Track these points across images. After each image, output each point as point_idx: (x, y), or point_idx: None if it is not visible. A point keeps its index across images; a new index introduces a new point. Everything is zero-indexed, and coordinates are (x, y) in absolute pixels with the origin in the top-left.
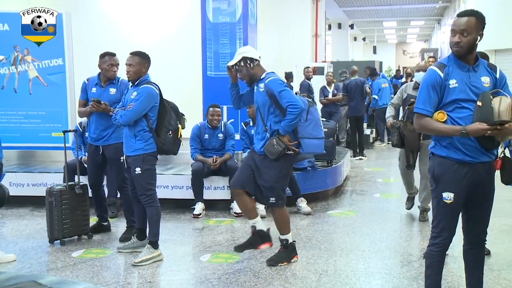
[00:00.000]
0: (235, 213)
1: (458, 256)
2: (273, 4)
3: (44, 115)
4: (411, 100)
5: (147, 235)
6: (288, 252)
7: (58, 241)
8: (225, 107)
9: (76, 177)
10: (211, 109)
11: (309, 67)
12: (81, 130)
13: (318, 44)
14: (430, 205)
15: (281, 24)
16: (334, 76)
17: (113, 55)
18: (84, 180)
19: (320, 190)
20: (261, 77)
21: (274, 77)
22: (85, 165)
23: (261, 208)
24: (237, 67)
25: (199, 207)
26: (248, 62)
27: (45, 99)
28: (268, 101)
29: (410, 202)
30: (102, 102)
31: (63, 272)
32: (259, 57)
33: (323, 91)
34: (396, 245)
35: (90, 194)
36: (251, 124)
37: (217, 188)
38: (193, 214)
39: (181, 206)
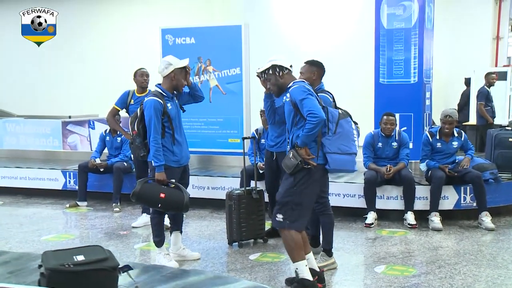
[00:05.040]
0: (409, 224)
1: None
2: (449, 5)
3: (222, 122)
4: None
5: (321, 242)
6: None
7: (236, 243)
8: (397, 115)
9: (252, 182)
10: (385, 117)
11: (494, 73)
12: (257, 136)
13: (500, 47)
14: None
15: (458, 26)
16: None
17: None
18: (260, 185)
19: (504, 204)
20: (288, 86)
21: (298, 85)
22: (260, 171)
23: (436, 220)
24: (265, 76)
25: (371, 217)
26: (277, 70)
27: (223, 106)
28: (292, 110)
29: None
30: None
31: (242, 274)
32: (290, 66)
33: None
34: None
35: (266, 199)
36: (437, 136)
37: (390, 198)
38: (365, 223)
39: (353, 215)
